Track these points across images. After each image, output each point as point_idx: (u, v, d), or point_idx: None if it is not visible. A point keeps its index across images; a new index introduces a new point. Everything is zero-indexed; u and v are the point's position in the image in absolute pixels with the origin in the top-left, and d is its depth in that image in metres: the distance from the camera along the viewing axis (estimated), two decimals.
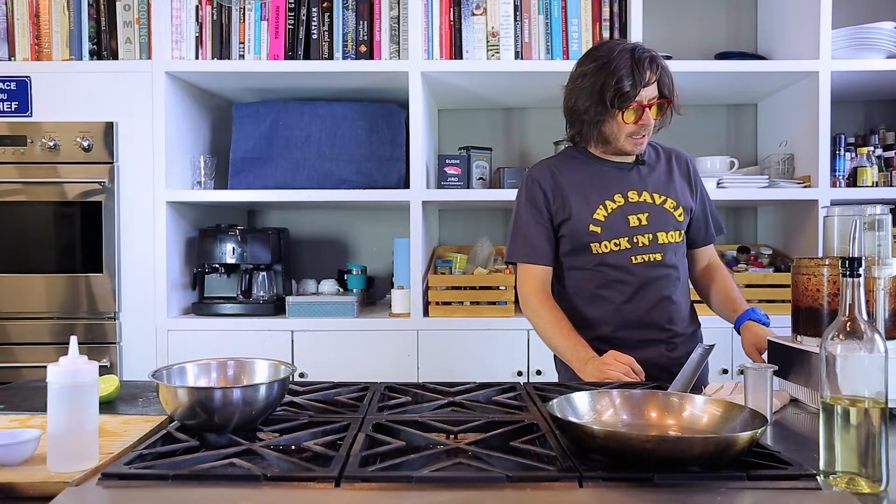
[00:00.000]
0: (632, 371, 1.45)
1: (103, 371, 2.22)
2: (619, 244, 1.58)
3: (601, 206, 1.59)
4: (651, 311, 1.59)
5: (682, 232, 1.65)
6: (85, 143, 2.30)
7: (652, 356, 1.57)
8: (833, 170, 2.50)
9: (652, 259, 1.59)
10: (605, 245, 1.59)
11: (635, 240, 1.59)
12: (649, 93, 1.52)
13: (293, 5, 2.40)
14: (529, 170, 1.71)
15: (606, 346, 1.56)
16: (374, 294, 2.88)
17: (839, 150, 2.53)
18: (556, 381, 1.70)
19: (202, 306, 2.45)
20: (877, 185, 2.49)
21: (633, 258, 1.59)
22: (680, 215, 1.63)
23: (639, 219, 1.59)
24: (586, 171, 1.64)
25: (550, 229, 1.64)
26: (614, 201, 1.60)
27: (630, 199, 1.60)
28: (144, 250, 2.35)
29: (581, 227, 1.59)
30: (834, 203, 2.42)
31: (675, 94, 1.56)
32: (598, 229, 1.58)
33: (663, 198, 1.62)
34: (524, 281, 1.67)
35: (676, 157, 1.71)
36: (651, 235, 1.59)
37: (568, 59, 2.39)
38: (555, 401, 1.01)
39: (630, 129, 1.54)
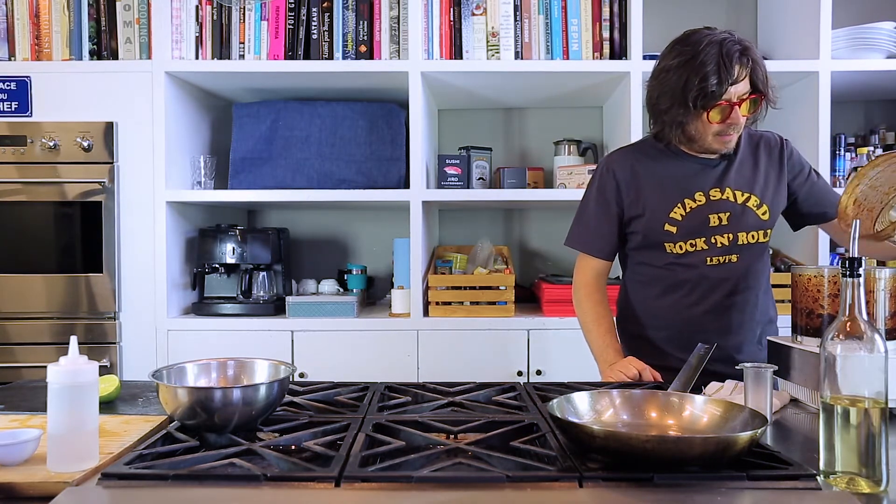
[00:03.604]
0: (638, 374, 1.43)
1: (103, 371, 2.22)
2: (696, 244, 1.52)
3: (679, 205, 1.51)
4: (717, 316, 1.53)
5: (768, 231, 1.55)
6: (85, 143, 2.30)
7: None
8: (833, 170, 2.50)
9: (727, 260, 1.52)
10: (681, 246, 1.52)
11: (713, 240, 1.51)
12: (739, 89, 1.40)
13: (293, 5, 2.40)
14: (608, 155, 1.64)
15: (665, 346, 1.55)
16: (374, 294, 2.88)
17: (839, 150, 2.53)
18: (557, 380, 1.70)
19: (202, 306, 2.45)
20: None
21: (707, 259, 1.52)
22: (764, 213, 1.53)
23: (719, 218, 1.51)
24: (668, 164, 1.55)
25: (616, 223, 1.58)
26: (694, 200, 1.52)
27: (712, 198, 1.51)
28: (144, 250, 2.35)
29: (655, 225, 1.53)
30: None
31: (769, 87, 1.43)
32: (674, 229, 1.51)
33: (746, 195, 1.52)
34: (578, 270, 1.66)
35: (766, 143, 1.58)
36: (731, 235, 1.51)
37: (568, 58, 2.39)
38: (555, 401, 1.01)
39: (717, 129, 1.44)
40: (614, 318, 1.68)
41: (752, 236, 1.54)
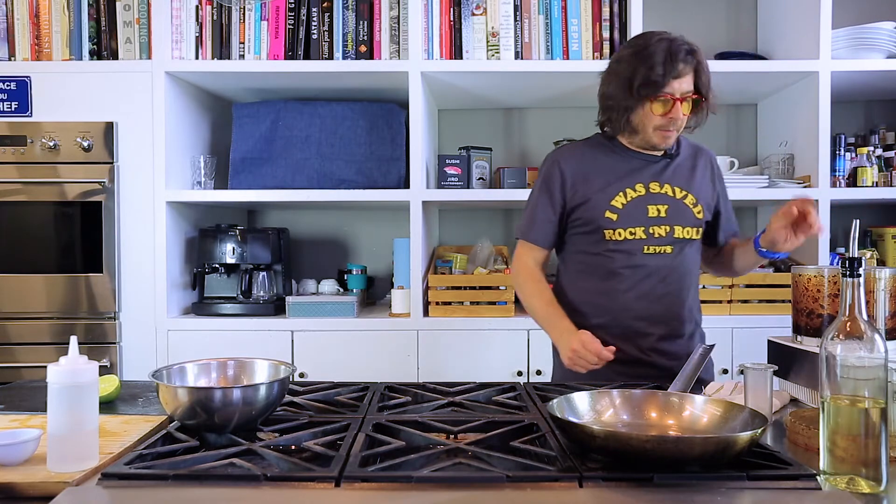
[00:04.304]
0: (595, 358, 1.45)
1: (103, 371, 2.22)
2: (635, 233, 1.57)
3: (620, 194, 1.58)
4: (653, 304, 1.59)
5: (700, 230, 1.62)
6: (85, 143, 2.30)
7: (643, 346, 1.58)
8: (833, 170, 2.50)
9: (663, 251, 1.58)
10: (619, 233, 1.57)
11: (651, 230, 1.57)
12: (682, 86, 1.49)
13: (293, 5, 2.40)
14: (555, 150, 1.70)
15: (602, 334, 1.55)
16: (374, 294, 2.88)
17: (839, 150, 2.53)
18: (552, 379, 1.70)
19: (202, 306, 2.45)
20: (877, 185, 2.49)
21: (644, 248, 1.57)
22: (699, 212, 1.61)
23: (658, 209, 1.58)
24: (612, 158, 1.63)
25: (558, 214, 1.64)
26: (635, 190, 1.59)
27: (651, 190, 1.59)
28: (144, 250, 2.35)
29: (597, 212, 1.58)
30: (834, 203, 2.42)
31: (710, 93, 1.53)
32: (615, 216, 1.57)
33: (684, 193, 1.60)
34: (518, 256, 1.70)
35: (701, 153, 1.69)
36: (668, 227, 1.58)
37: (568, 58, 2.39)
38: (555, 401, 1.01)
39: (658, 122, 1.52)
40: None
41: (687, 232, 1.60)
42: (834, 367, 0.89)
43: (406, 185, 2.44)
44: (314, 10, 2.40)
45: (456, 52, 2.39)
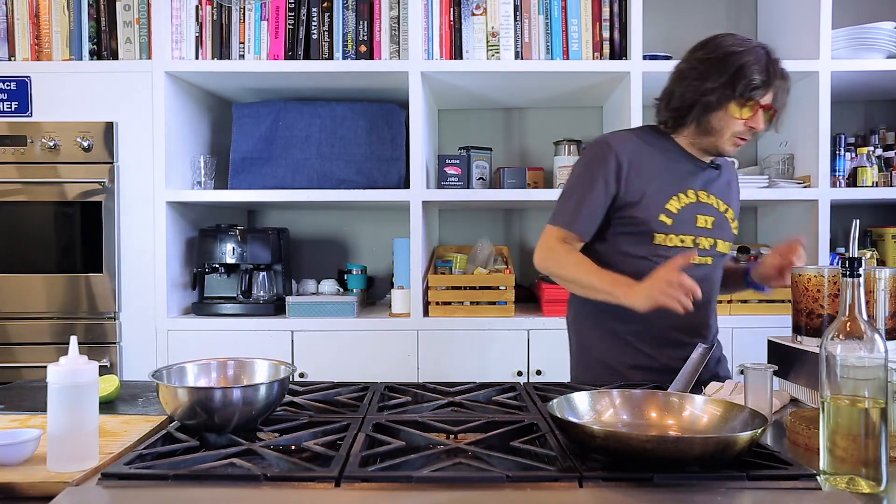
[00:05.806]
0: (689, 293, 1.32)
1: (103, 371, 2.22)
2: (684, 241, 1.53)
3: (675, 198, 1.53)
4: (691, 314, 1.50)
5: (731, 246, 1.62)
6: (85, 143, 2.31)
7: (676, 356, 1.51)
8: (833, 170, 2.50)
9: (705, 262, 1.56)
10: (671, 238, 1.51)
11: (698, 241, 1.54)
12: (769, 98, 1.47)
13: (293, 5, 2.40)
14: (608, 135, 1.58)
15: (634, 341, 1.54)
16: (374, 294, 2.88)
17: (839, 150, 2.53)
18: (557, 380, 1.69)
19: (202, 306, 2.45)
20: (877, 185, 2.49)
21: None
22: (735, 228, 1.61)
23: (706, 220, 1.55)
24: (665, 156, 1.56)
25: (607, 205, 1.53)
26: (687, 196, 1.54)
27: (700, 199, 1.56)
28: (144, 250, 2.35)
29: (651, 213, 1.51)
30: (834, 203, 2.42)
31: (784, 110, 1.52)
32: (669, 220, 1.51)
33: (725, 206, 1.59)
34: (548, 238, 1.56)
35: (728, 167, 1.67)
36: (713, 240, 1.56)
37: (568, 58, 2.39)
38: (555, 401, 1.01)
39: (739, 128, 1.47)
40: (579, 311, 1.65)
41: (726, 246, 1.59)
42: (834, 367, 0.89)
43: (406, 185, 2.44)
44: (314, 10, 2.40)
45: (456, 52, 2.39)
